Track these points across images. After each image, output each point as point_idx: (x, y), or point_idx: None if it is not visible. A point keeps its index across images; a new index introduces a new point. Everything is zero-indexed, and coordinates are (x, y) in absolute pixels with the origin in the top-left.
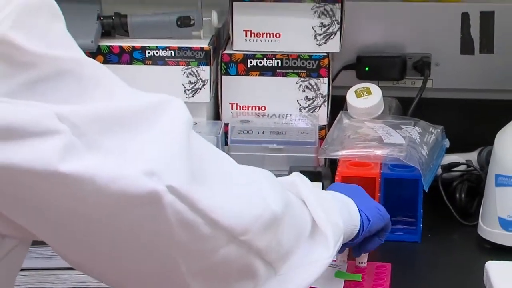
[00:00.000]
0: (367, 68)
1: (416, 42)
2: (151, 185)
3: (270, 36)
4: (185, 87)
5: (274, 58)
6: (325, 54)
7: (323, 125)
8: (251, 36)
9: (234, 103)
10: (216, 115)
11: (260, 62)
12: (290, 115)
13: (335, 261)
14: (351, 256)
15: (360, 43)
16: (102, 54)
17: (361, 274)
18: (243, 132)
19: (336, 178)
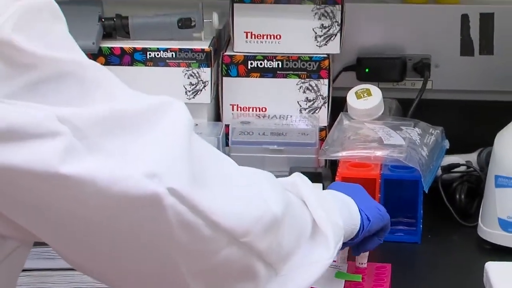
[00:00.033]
0: (367, 70)
1: (416, 43)
2: (152, 187)
3: (271, 38)
4: (186, 89)
5: (274, 60)
6: (325, 56)
7: (323, 126)
8: (251, 37)
9: (235, 104)
10: (217, 116)
11: (261, 64)
12: (291, 116)
13: (335, 261)
14: (351, 256)
15: (360, 44)
16: (104, 56)
17: (361, 275)
18: (244, 133)
19: (336, 179)
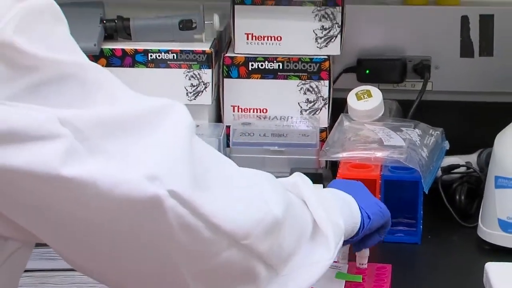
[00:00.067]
0: (367, 71)
1: (416, 45)
2: (152, 189)
3: (272, 39)
4: (187, 90)
5: (275, 61)
6: (326, 57)
7: (324, 127)
8: (252, 39)
9: (236, 106)
10: (218, 118)
11: (262, 65)
12: (291, 117)
13: (336, 262)
14: (352, 257)
15: (361, 46)
16: (105, 57)
17: (361, 275)
18: (245, 135)
19: None
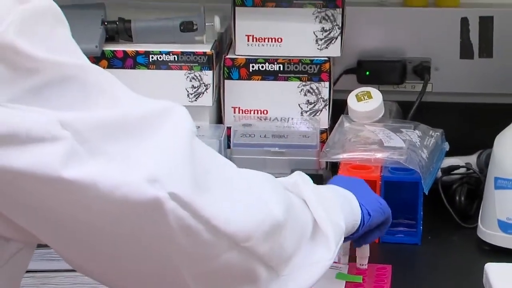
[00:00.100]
0: (367, 72)
1: (416, 46)
2: (153, 192)
3: (272, 41)
4: (188, 91)
5: (276, 63)
6: (326, 59)
7: (324, 128)
8: (253, 41)
9: (237, 107)
10: (219, 119)
11: (262, 67)
12: (292, 118)
13: (337, 262)
14: (352, 255)
15: (361, 47)
16: (106, 59)
17: (362, 276)
18: (245, 136)
19: None
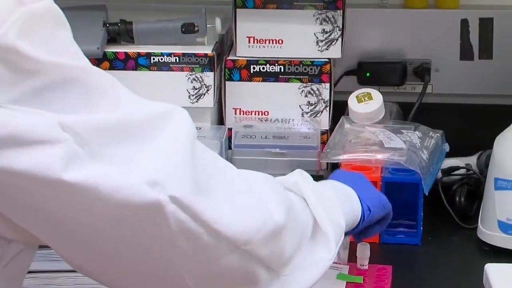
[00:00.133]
0: (368, 74)
1: (416, 48)
2: (153, 195)
3: (273, 42)
4: (189, 93)
5: (276, 64)
6: (327, 60)
7: (325, 129)
8: (254, 42)
9: (238, 108)
10: (220, 120)
11: (263, 68)
12: (293, 120)
13: (337, 263)
14: (352, 258)
15: (361, 49)
16: (108, 60)
17: (362, 276)
18: (246, 137)
19: None
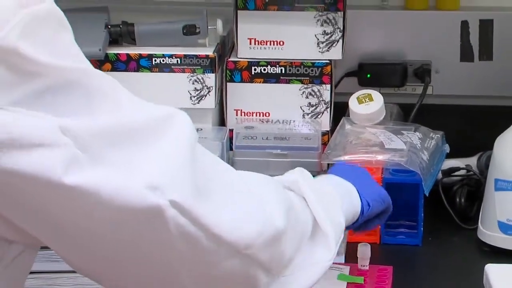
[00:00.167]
0: (368, 75)
1: (417, 49)
2: (153, 199)
3: (274, 44)
4: (190, 94)
5: (277, 66)
6: (327, 62)
7: (325, 130)
8: (255, 44)
9: (239, 110)
10: (221, 121)
11: (264, 69)
12: (294, 121)
13: (338, 263)
14: (353, 258)
15: (362, 50)
16: (110, 62)
17: (363, 277)
18: (248, 138)
19: None
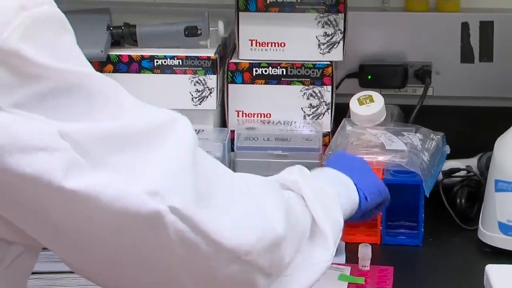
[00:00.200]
0: (369, 76)
1: (417, 51)
2: (153, 205)
3: (275, 45)
4: (192, 95)
5: (279, 67)
6: (328, 63)
7: (326, 132)
8: (256, 45)
9: (240, 111)
10: (223, 122)
11: (265, 71)
12: (295, 122)
13: (339, 264)
14: (354, 259)
15: (363, 52)
16: (112, 63)
17: (364, 277)
18: (249, 139)
19: None
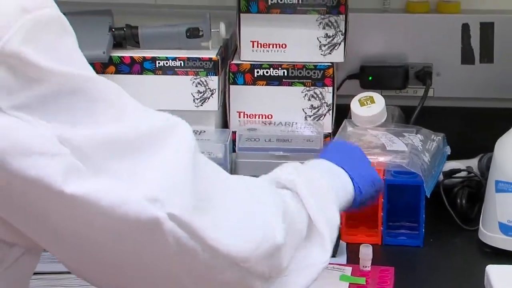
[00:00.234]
0: (370, 78)
1: (418, 52)
2: (152, 211)
3: (277, 47)
4: (194, 96)
5: (280, 68)
6: (329, 64)
7: (328, 133)
8: (258, 46)
9: (242, 112)
10: (224, 123)
11: (267, 72)
12: (296, 123)
13: (339, 264)
14: (355, 259)
15: (364, 53)
16: (114, 65)
17: (365, 278)
18: (250, 140)
19: None
